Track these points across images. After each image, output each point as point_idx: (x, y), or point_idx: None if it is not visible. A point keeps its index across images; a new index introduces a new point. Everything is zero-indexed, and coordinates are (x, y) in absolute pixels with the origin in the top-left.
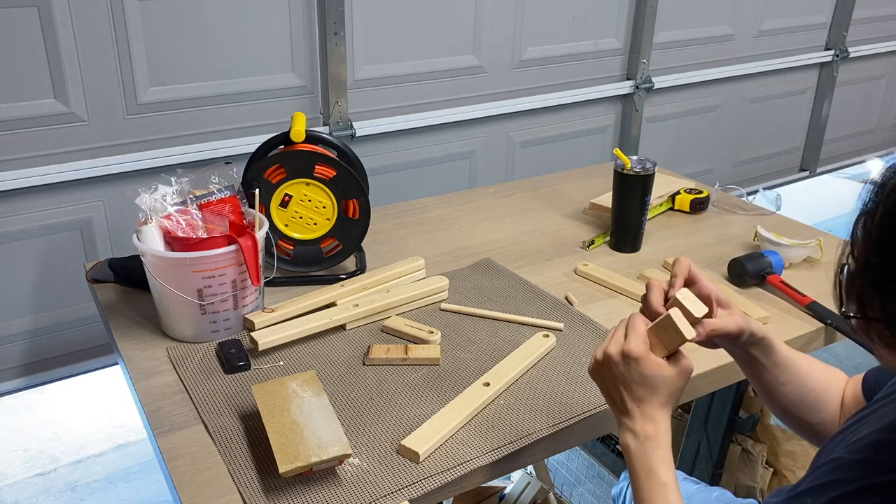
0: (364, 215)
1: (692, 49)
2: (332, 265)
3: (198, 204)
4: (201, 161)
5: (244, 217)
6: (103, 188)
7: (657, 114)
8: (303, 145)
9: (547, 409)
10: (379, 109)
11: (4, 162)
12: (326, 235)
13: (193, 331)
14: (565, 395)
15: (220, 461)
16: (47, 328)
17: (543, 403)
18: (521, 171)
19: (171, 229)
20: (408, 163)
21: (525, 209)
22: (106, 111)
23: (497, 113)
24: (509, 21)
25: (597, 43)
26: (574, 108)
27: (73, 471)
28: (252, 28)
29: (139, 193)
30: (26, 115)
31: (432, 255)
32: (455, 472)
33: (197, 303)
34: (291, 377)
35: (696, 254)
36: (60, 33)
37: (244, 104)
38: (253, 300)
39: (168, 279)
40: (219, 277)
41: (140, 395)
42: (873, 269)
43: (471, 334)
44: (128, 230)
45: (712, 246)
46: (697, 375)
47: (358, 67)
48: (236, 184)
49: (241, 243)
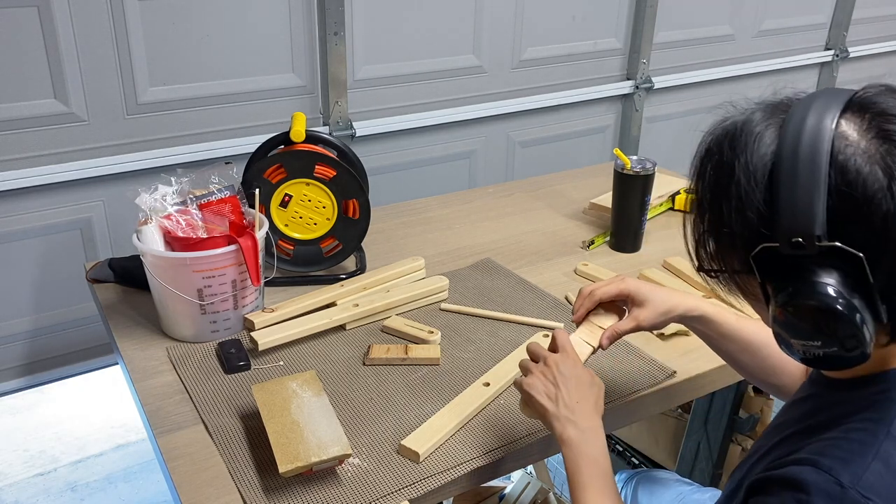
0: (364, 215)
1: (692, 49)
2: (332, 265)
3: (198, 204)
4: (201, 161)
5: (244, 217)
6: (103, 188)
7: (657, 114)
8: (303, 145)
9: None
10: (379, 109)
11: (4, 162)
12: (326, 235)
13: (193, 331)
14: None
15: (220, 461)
16: (47, 328)
17: None
18: (521, 171)
19: (171, 229)
20: (408, 163)
21: (525, 209)
22: (106, 111)
23: (497, 113)
24: (509, 21)
25: (597, 43)
26: (574, 108)
27: (73, 471)
28: (252, 28)
29: (139, 193)
30: (26, 115)
31: (432, 255)
32: (455, 472)
33: (197, 303)
34: (291, 377)
35: None
36: (60, 33)
37: (244, 104)
38: (253, 300)
39: (168, 279)
40: (219, 277)
41: (140, 395)
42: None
43: (471, 334)
44: (128, 230)
45: None
46: (697, 375)
47: (358, 67)
48: (236, 184)
49: (241, 243)
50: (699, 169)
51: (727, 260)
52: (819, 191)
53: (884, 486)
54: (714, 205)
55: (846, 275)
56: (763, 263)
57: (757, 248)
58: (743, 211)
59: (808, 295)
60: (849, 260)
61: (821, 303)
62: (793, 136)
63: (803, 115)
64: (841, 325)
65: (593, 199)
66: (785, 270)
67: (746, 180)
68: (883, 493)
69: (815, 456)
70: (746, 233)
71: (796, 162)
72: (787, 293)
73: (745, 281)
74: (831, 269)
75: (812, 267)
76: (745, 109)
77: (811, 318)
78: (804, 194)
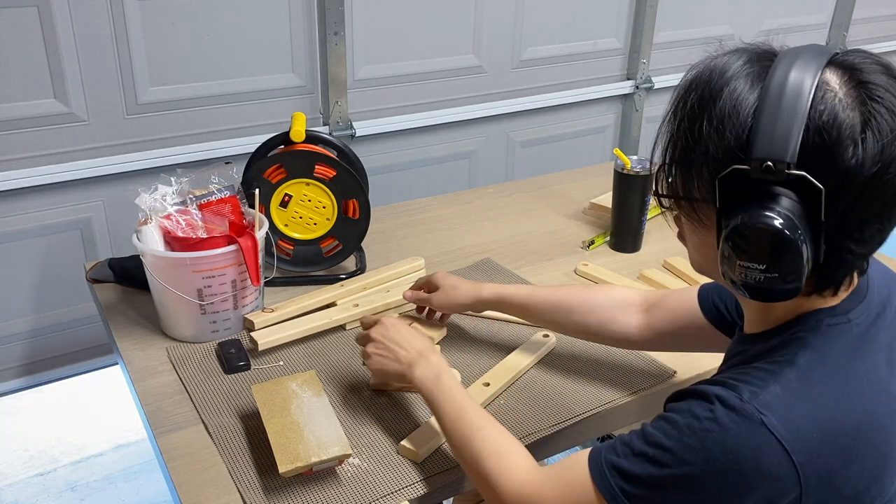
0: (364, 215)
1: (692, 49)
2: (332, 265)
3: (198, 204)
4: (201, 161)
5: (244, 217)
6: (103, 188)
7: (657, 114)
8: (303, 145)
9: (547, 409)
10: (379, 109)
11: (4, 162)
12: (326, 235)
13: (193, 331)
14: (565, 395)
15: (220, 461)
16: (47, 328)
17: (543, 403)
18: (521, 171)
19: (170, 229)
20: (408, 163)
21: (525, 209)
22: (106, 111)
23: (497, 113)
24: (509, 21)
25: (597, 43)
26: (574, 108)
27: (73, 471)
28: (252, 28)
29: (139, 193)
30: (26, 115)
31: (432, 255)
32: (455, 473)
33: (197, 303)
34: (291, 377)
35: None
36: (60, 33)
37: (244, 104)
38: (253, 300)
39: (168, 279)
40: (219, 277)
41: (140, 395)
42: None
43: (471, 334)
44: (128, 230)
45: None
46: (698, 375)
47: (358, 67)
48: (236, 184)
49: (241, 243)
50: (681, 96)
51: (688, 187)
52: (797, 124)
53: (779, 406)
54: (692, 128)
55: (803, 207)
56: (726, 187)
57: (727, 169)
58: (722, 132)
59: (766, 217)
60: (809, 194)
61: (775, 227)
62: (781, 75)
63: (792, 61)
64: (788, 252)
65: (593, 199)
66: (747, 194)
67: (732, 105)
68: (777, 411)
69: (724, 378)
70: (720, 153)
71: (782, 96)
72: (746, 214)
73: (700, 209)
74: (791, 199)
75: (774, 194)
76: (732, 50)
77: (761, 240)
78: (783, 123)
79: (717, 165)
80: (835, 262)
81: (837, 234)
